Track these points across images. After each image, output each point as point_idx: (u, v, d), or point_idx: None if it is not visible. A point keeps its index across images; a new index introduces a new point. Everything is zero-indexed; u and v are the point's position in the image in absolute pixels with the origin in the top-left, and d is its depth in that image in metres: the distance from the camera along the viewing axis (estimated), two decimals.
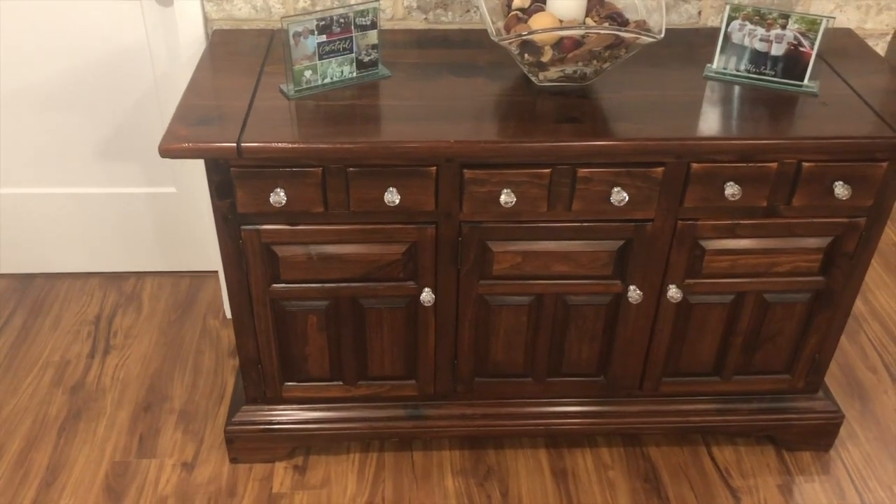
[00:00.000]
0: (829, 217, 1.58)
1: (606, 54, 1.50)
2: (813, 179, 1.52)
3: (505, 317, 1.70)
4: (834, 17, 1.53)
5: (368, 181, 1.48)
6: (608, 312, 1.70)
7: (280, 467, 1.87)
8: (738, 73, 1.62)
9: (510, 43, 1.46)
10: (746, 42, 1.58)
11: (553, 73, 1.54)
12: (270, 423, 1.82)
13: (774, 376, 1.83)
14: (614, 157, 1.47)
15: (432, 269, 1.61)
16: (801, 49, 1.55)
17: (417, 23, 1.85)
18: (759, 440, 1.94)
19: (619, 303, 1.68)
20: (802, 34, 1.53)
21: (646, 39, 1.45)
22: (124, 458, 1.88)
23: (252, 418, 1.82)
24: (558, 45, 1.49)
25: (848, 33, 1.83)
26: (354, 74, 1.59)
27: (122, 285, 2.37)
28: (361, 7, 1.53)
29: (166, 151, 1.39)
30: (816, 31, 1.52)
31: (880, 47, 1.89)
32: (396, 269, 1.61)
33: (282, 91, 1.55)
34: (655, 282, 1.66)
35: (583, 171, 1.49)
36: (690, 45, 1.78)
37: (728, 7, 1.56)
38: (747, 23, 1.56)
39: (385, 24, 1.84)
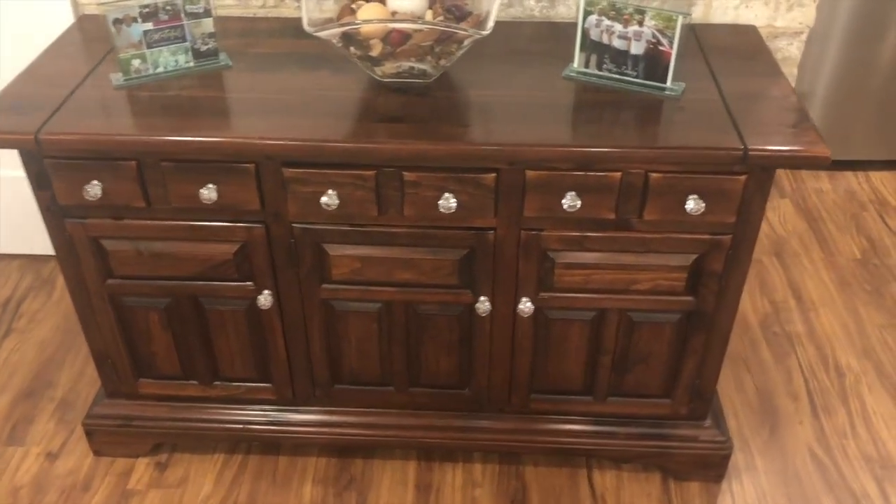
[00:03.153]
0: (688, 233, 1.44)
1: (438, 50, 1.40)
2: (664, 192, 1.39)
3: (353, 323, 1.62)
4: (690, 14, 1.38)
5: (185, 176, 1.42)
6: (462, 323, 1.60)
7: (142, 463, 1.83)
8: (600, 74, 1.49)
9: (329, 36, 1.37)
10: (605, 39, 1.45)
11: (389, 68, 1.44)
12: (127, 417, 1.78)
13: (653, 400, 1.70)
14: (431, 162, 1.37)
15: (269, 270, 1.54)
16: (661, 48, 1.41)
17: (290, 10, 1.77)
18: (647, 467, 1.81)
19: (472, 314, 1.58)
20: (660, 32, 1.40)
21: (472, 35, 1.34)
22: None
23: (110, 412, 1.78)
24: (387, 38, 1.39)
25: (750, 31, 1.68)
26: (192, 64, 1.52)
27: (40, 269, 2.37)
28: None
29: None
30: (674, 29, 1.38)
31: (795, 47, 1.73)
32: (230, 269, 1.54)
33: (112, 80, 1.50)
34: (509, 294, 1.55)
35: (409, 175, 1.40)
36: (570, 40, 1.65)
37: (582, 1, 1.43)
38: (604, 18, 1.43)
39: (258, 12, 1.76)
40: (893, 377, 2.03)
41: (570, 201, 1.38)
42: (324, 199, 1.41)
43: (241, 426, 1.78)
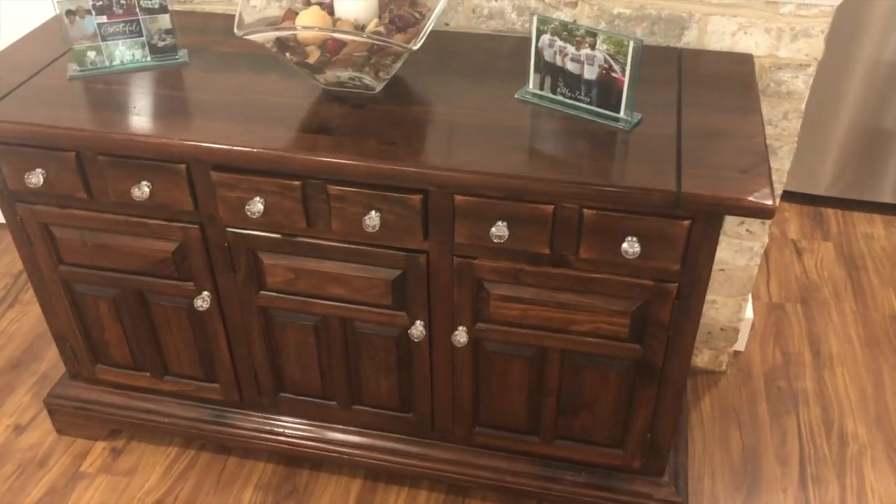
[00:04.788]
0: (630, 277, 1.33)
1: (373, 61, 1.34)
2: (599, 230, 1.28)
3: (292, 334, 1.58)
4: (641, 40, 1.25)
5: (121, 172, 1.42)
6: (399, 346, 1.54)
7: (99, 447, 1.86)
8: (553, 97, 1.39)
9: (260, 40, 1.33)
10: (559, 61, 1.35)
11: (330, 76, 1.39)
12: (85, 401, 1.81)
13: (604, 449, 1.58)
14: (348, 177, 1.31)
15: (208, 273, 1.53)
16: (613, 74, 1.30)
17: (274, 10, 1.73)
18: None
19: (409, 337, 1.51)
20: (612, 57, 1.29)
21: (401, 49, 1.27)
22: None
23: (69, 393, 1.82)
24: (324, 46, 1.34)
25: (745, 60, 1.53)
26: (149, 59, 1.52)
27: None
28: None
29: None
30: (625, 55, 1.27)
31: (801, 81, 1.56)
32: (169, 267, 1.53)
33: (67, 71, 1.52)
34: (446, 321, 1.48)
35: (334, 189, 1.34)
36: None
37: (535, 18, 1.33)
38: (557, 38, 1.33)
39: (228, 9, 1.74)
40: None
41: (498, 231, 1.29)
42: (248, 207, 1.37)
43: (190, 423, 1.77)
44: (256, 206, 1.37)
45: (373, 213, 1.34)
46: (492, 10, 1.62)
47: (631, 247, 1.26)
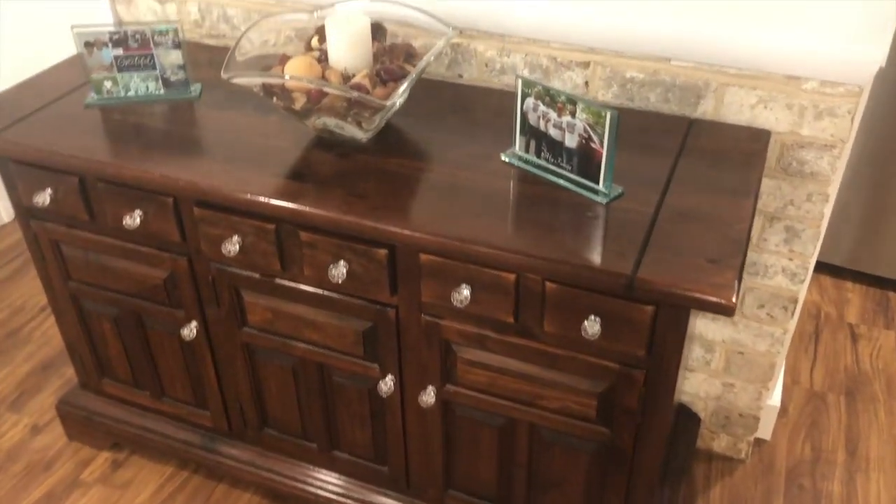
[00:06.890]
0: (595, 357, 1.26)
1: (353, 112, 1.33)
2: (562, 305, 1.22)
3: (273, 373, 1.59)
4: (618, 111, 1.18)
5: (117, 199, 1.46)
6: (372, 398, 1.51)
7: (102, 457, 1.92)
8: (538, 162, 1.34)
9: (244, 84, 1.35)
10: (542, 126, 1.30)
11: (318, 123, 1.40)
12: (91, 410, 1.87)
13: None
14: (311, 224, 1.30)
15: (196, 303, 1.55)
16: (592, 145, 1.24)
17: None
18: None
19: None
20: (591, 127, 1.23)
21: (373, 102, 1.25)
22: None
23: (79, 401, 1.89)
24: (309, 93, 1.34)
25: (761, 136, 1.43)
26: (162, 92, 1.57)
27: None
28: (160, 27, 1.50)
29: None
30: (603, 126, 1.21)
31: (826, 162, 1.45)
32: (160, 294, 1.57)
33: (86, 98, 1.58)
34: (417, 379, 1.44)
35: (305, 236, 1.34)
36: None
37: (520, 81, 1.29)
38: (540, 103, 1.28)
39: (269, 51, 1.77)
40: None
41: (459, 294, 1.25)
42: (224, 245, 1.39)
43: (182, 445, 1.80)
44: (233, 245, 1.38)
45: (340, 262, 1.33)
46: (504, 65, 1.58)
47: (591, 326, 1.19)
